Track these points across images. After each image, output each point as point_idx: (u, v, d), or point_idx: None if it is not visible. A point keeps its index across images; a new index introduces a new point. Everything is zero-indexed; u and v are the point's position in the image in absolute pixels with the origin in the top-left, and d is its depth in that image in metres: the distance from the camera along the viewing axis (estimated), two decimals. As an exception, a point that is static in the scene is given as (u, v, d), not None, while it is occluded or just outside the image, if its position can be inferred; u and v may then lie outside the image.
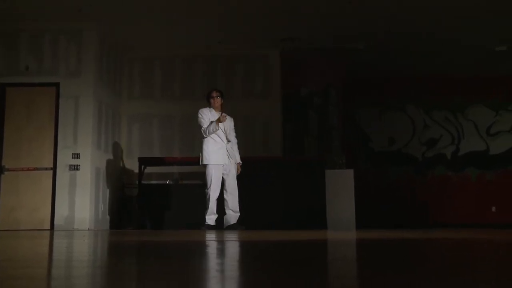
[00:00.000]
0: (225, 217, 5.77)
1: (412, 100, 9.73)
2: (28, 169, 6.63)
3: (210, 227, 5.67)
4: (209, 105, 5.91)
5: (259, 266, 1.69)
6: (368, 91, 9.67)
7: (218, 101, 5.88)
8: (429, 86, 9.66)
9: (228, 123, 5.84)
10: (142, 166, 7.06)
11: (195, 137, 7.82)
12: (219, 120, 5.66)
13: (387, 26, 7.13)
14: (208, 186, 5.71)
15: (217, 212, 5.75)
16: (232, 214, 5.75)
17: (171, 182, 7.39)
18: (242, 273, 1.48)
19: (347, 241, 3.38)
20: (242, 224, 5.75)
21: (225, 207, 5.77)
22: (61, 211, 6.59)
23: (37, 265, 1.71)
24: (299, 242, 3.20)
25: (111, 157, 7.47)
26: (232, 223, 5.74)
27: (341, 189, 6.99)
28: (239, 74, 7.88)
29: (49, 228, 6.55)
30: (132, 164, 7.66)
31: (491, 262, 1.82)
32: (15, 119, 6.73)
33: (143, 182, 7.03)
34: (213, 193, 5.68)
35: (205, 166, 5.75)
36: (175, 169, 7.62)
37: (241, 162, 5.95)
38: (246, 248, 2.62)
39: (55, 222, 6.56)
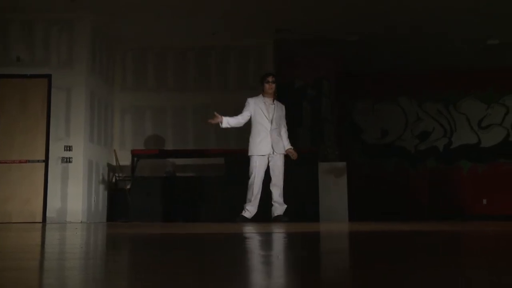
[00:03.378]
0: (272, 208, 5.57)
1: (405, 92, 9.75)
2: (20, 162, 6.58)
3: (244, 220, 5.44)
4: (262, 89, 5.60)
5: (253, 258, 1.69)
6: (361, 83, 9.68)
7: (273, 86, 5.56)
8: (422, 79, 9.68)
9: (279, 112, 5.60)
10: (135, 158, 7.03)
11: (188, 129, 7.82)
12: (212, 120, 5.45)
13: (380, 19, 7.12)
14: (250, 177, 5.48)
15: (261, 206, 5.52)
16: (277, 206, 5.55)
17: (168, 174, 7.37)
18: (237, 266, 1.48)
19: (340, 233, 3.39)
20: (286, 215, 5.54)
21: (271, 199, 5.57)
22: (53, 204, 6.56)
23: (29, 257, 1.69)
24: (293, 234, 3.20)
25: (103, 149, 7.43)
26: (276, 214, 5.54)
27: (334, 181, 7.01)
28: (232, 66, 7.85)
29: (41, 221, 6.52)
30: (125, 157, 7.63)
31: (481, 252, 1.82)
32: (7, 111, 6.68)
33: (136, 174, 7.01)
34: (255, 185, 5.44)
35: (250, 157, 5.55)
36: (168, 161, 7.60)
37: (292, 148, 5.63)
38: (237, 240, 2.61)
39: (47, 215, 6.53)
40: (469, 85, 9.68)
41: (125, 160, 7.57)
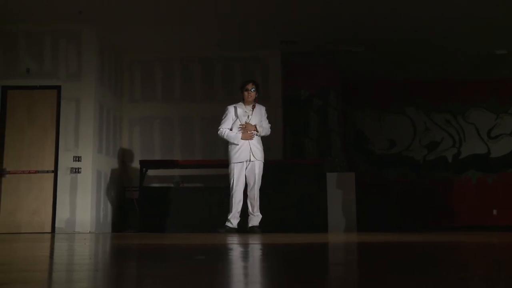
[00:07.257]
0: (248, 218, 5.50)
1: (412, 102, 9.73)
2: (29, 172, 6.62)
3: (230, 230, 5.37)
4: (241, 97, 5.48)
5: (263, 269, 1.68)
6: (367, 93, 9.67)
7: (252, 95, 5.40)
8: (429, 89, 9.66)
9: (258, 117, 5.44)
10: (144, 169, 7.05)
11: (195, 139, 7.84)
12: (244, 136, 5.36)
13: (386, 30, 7.13)
14: (230, 187, 5.42)
15: (241, 215, 5.44)
16: (252, 216, 5.47)
17: (176, 184, 7.37)
18: (248, 276, 1.48)
19: (349, 244, 3.37)
20: (260, 227, 5.44)
21: (248, 208, 5.49)
22: (62, 214, 6.58)
23: (37, 269, 1.70)
24: (301, 245, 3.19)
25: (112, 160, 7.46)
26: (250, 225, 5.47)
27: (342, 192, 6.99)
28: (239, 76, 7.87)
29: (49, 231, 6.54)
30: (133, 167, 7.66)
31: (487, 263, 1.81)
32: (17, 122, 6.73)
33: (144, 185, 7.02)
34: (236, 194, 5.37)
35: (228, 165, 5.48)
36: (176, 172, 7.61)
37: (259, 132, 5.42)
38: (246, 252, 2.61)
39: (56, 225, 6.56)
40: (478, 95, 9.63)
41: (134, 170, 7.59)
